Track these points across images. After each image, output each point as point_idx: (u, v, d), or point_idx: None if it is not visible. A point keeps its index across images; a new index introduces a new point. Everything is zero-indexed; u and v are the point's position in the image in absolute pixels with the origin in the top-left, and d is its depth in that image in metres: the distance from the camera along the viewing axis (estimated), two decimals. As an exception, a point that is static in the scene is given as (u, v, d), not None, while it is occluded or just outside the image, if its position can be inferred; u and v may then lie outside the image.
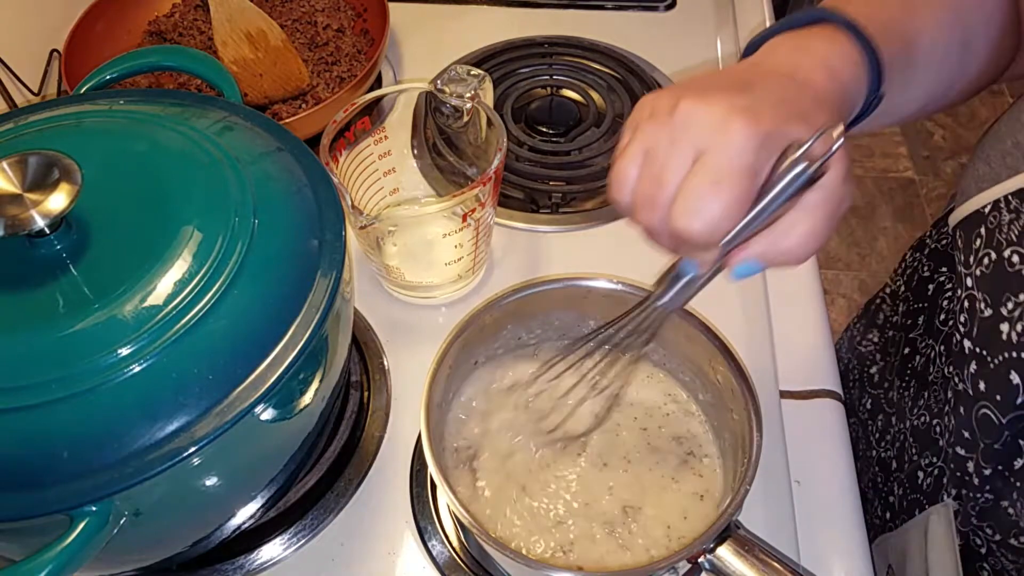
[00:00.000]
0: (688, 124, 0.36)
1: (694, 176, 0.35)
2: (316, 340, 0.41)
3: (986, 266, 0.47)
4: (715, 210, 0.35)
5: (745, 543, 0.41)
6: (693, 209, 0.35)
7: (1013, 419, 0.46)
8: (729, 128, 0.34)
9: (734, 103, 0.35)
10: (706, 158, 0.35)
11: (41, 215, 0.38)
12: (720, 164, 0.34)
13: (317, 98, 0.73)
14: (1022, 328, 0.44)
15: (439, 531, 0.52)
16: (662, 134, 0.36)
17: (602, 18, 0.87)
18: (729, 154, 0.34)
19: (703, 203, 0.35)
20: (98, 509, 0.36)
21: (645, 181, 0.37)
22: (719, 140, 0.35)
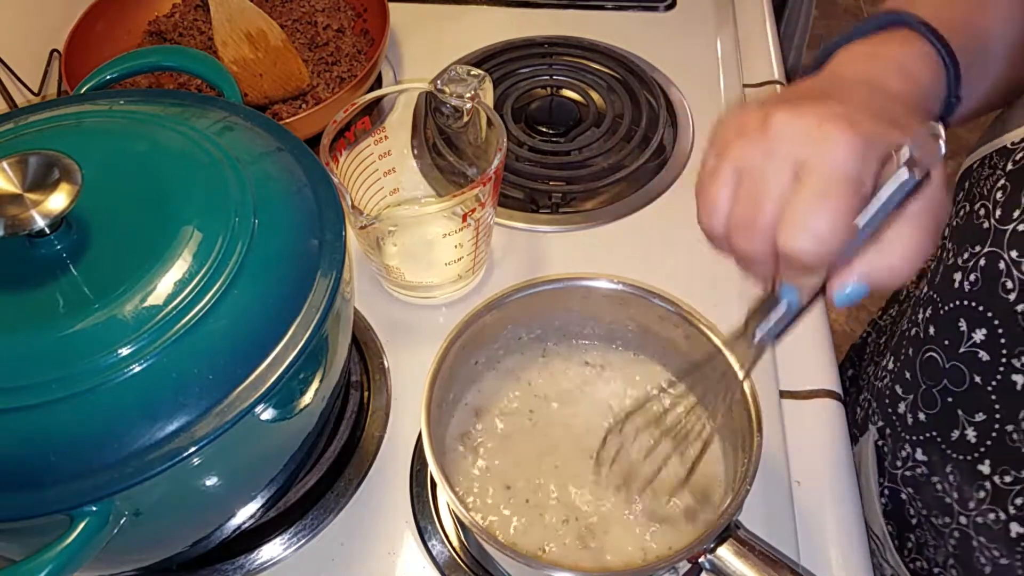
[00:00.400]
0: (783, 137, 0.34)
1: (798, 191, 0.33)
2: (316, 340, 0.41)
3: (961, 218, 0.48)
4: (825, 225, 0.32)
5: (745, 543, 0.41)
6: (802, 226, 0.32)
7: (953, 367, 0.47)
8: (828, 136, 0.32)
9: (828, 111, 0.33)
10: (808, 171, 0.33)
11: (41, 215, 0.38)
12: (824, 175, 0.32)
13: (317, 98, 0.73)
14: (974, 278, 0.45)
15: (439, 531, 0.52)
16: (755, 151, 0.34)
17: (602, 18, 0.87)
18: (832, 164, 0.32)
19: (812, 219, 0.32)
20: (98, 509, 0.36)
21: (742, 203, 0.35)
22: (819, 150, 0.32)
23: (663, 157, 0.73)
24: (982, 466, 0.48)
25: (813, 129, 0.33)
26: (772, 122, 0.34)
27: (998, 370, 0.45)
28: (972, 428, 0.47)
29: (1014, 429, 0.45)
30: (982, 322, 0.45)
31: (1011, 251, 0.43)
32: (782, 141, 0.34)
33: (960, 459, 0.49)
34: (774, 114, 0.34)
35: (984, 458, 0.47)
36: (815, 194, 0.32)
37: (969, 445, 0.48)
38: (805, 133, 0.33)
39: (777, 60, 0.82)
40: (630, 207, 0.69)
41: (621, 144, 0.73)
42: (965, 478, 0.49)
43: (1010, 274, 0.43)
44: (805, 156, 0.33)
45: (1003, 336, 0.44)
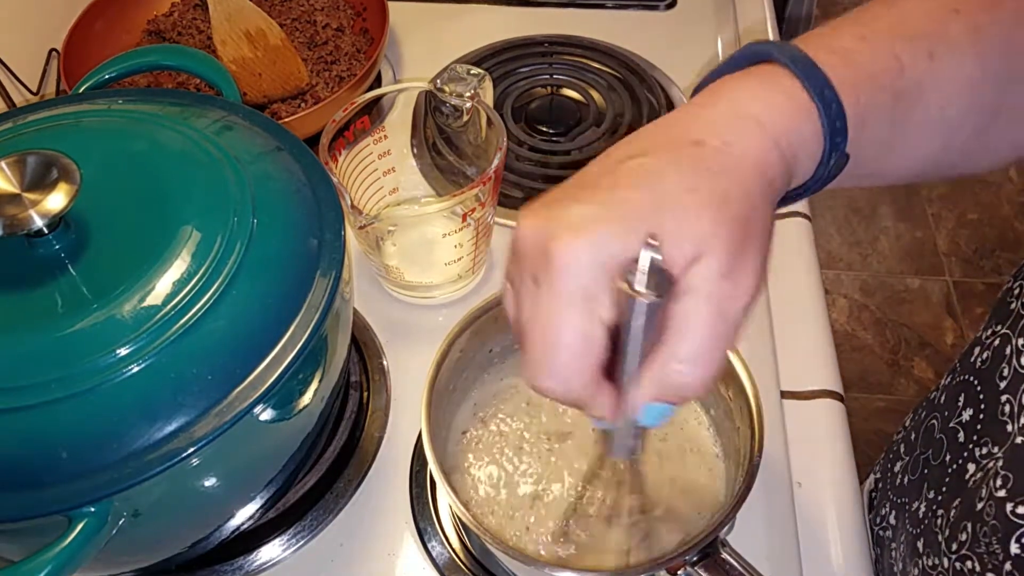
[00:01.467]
0: (523, 252, 0.30)
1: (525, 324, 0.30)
2: (315, 340, 0.41)
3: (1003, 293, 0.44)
4: (557, 366, 0.29)
5: (726, 563, 0.40)
6: (538, 367, 0.30)
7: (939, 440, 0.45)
8: (548, 254, 0.29)
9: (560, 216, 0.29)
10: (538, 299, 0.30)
11: (40, 215, 0.38)
12: (545, 306, 0.29)
13: (316, 97, 0.73)
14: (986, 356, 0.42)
15: (439, 532, 0.51)
16: (512, 267, 0.32)
17: (602, 18, 0.87)
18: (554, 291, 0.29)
19: (543, 359, 0.30)
20: (97, 509, 0.36)
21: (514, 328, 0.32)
22: (543, 273, 0.29)
23: (663, 157, 0.73)
24: (919, 543, 0.47)
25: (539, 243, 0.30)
26: (517, 231, 0.31)
27: (962, 454, 0.43)
28: (923, 504, 0.46)
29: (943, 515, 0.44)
30: (974, 402, 0.44)
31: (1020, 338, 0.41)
32: (523, 257, 0.31)
33: (910, 531, 0.48)
34: (521, 220, 0.31)
35: (920, 537, 0.47)
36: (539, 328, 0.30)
37: (916, 519, 0.47)
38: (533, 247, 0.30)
39: (777, 59, 0.82)
40: (630, 207, 0.69)
41: (621, 144, 0.73)
42: (909, 552, 0.48)
43: (1011, 361, 0.41)
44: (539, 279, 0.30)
45: (981, 421, 0.42)
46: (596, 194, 0.30)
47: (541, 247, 0.29)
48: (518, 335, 0.32)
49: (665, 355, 0.29)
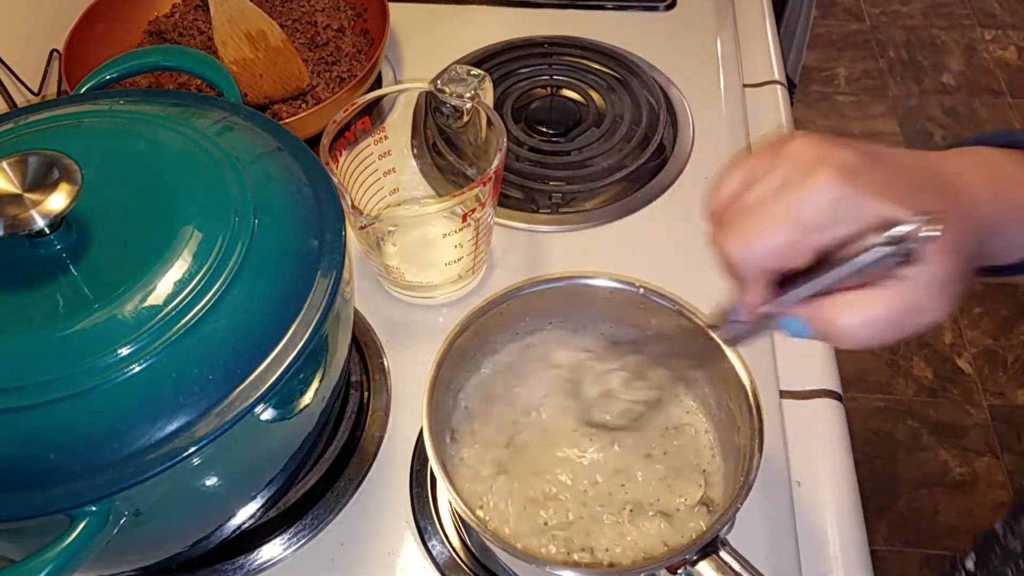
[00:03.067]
0: (786, 160, 0.35)
1: (756, 206, 0.34)
2: (316, 340, 0.41)
3: None
4: (754, 244, 0.34)
5: (727, 563, 0.40)
6: (738, 233, 0.34)
7: None
8: (813, 175, 0.33)
9: (839, 156, 0.33)
10: (779, 194, 0.34)
11: (41, 215, 0.38)
12: (782, 204, 0.33)
13: (317, 98, 0.73)
14: None
15: (439, 531, 0.51)
16: (766, 160, 0.36)
17: (602, 18, 0.87)
18: (796, 199, 0.33)
19: (747, 232, 0.34)
20: (98, 509, 0.36)
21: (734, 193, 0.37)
22: (799, 183, 0.33)
23: (663, 157, 0.73)
24: None
25: (809, 163, 0.33)
26: (790, 143, 0.35)
27: None
28: None
29: None
30: None
31: None
32: (784, 163, 0.35)
33: None
34: (798, 138, 0.35)
35: None
36: (765, 214, 0.34)
37: None
38: (802, 164, 0.34)
39: (777, 60, 0.82)
40: (630, 207, 0.69)
41: (621, 144, 0.73)
42: None
43: None
44: (789, 181, 0.34)
45: None
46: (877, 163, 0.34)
47: (811, 163, 0.33)
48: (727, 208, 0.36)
49: (850, 299, 0.33)
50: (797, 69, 1.47)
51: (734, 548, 0.41)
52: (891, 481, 1.48)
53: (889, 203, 0.32)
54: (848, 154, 0.33)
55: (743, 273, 0.35)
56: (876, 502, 1.45)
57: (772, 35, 0.84)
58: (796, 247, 0.34)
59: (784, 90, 0.79)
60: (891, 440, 1.53)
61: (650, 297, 0.50)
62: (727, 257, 0.35)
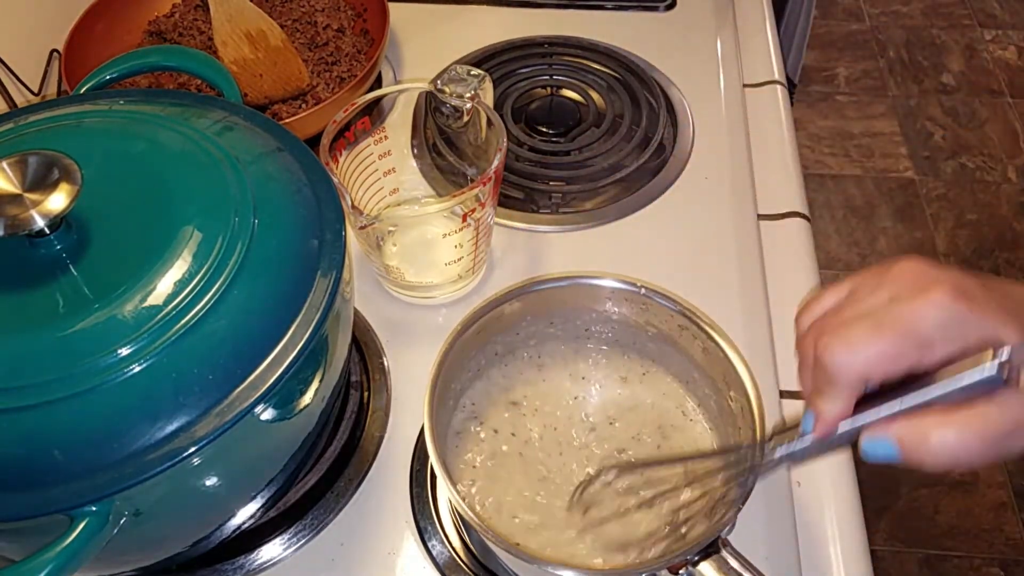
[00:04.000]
0: (896, 276, 0.35)
1: (866, 315, 0.34)
2: (316, 340, 0.41)
3: None
4: (859, 348, 0.33)
5: (728, 563, 0.40)
6: (841, 336, 0.34)
7: None
8: (927, 292, 0.33)
9: (953, 277, 0.33)
10: (890, 307, 0.34)
11: (41, 215, 0.38)
12: (894, 314, 0.33)
13: (317, 98, 0.73)
14: None
15: (439, 531, 0.51)
16: (872, 280, 0.36)
17: (602, 18, 0.87)
18: (910, 310, 0.33)
19: (854, 336, 0.34)
20: (98, 509, 0.36)
21: (831, 310, 0.37)
22: (912, 297, 0.33)
23: (663, 157, 0.73)
24: None
25: (922, 282, 0.34)
26: (899, 264, 0.35)
27: None
28: None
29: None
30: None
31: None
32: (894, 279, 0.35)
33: None
34: (907, 260, 0.35)
35: None
36: (874, 321, 0.34)
37: None
38: (914, 281, 0.34)
39: (777, 60, 0.82)
40: (630, 207, 0.69)
41: (621, 144, 0.73)
42: None
43: None
44: (901, 295, 0.34)
45: None
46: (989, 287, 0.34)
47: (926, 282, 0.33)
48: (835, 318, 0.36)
49: (943, 419, 0.33)
50: (797, 69, 1.47)
51: (735, 548, 0.41)
52: (891, 481, 1.48)
53: (999, 323, 0.32)
54: (961, 276, 0.34)
55: (838, 379, 0.35)
56: (876, 502, 1.45)
57: (772, 35, 0.84)
58: (900, 359, 0.33)
59: (784, 90, 0.79)
60: (891, 440, 1.53)
61: (651, 297, 0.50)
62: (826, 361, 0.34)
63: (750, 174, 0.71)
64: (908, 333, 0.33)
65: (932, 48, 2.25)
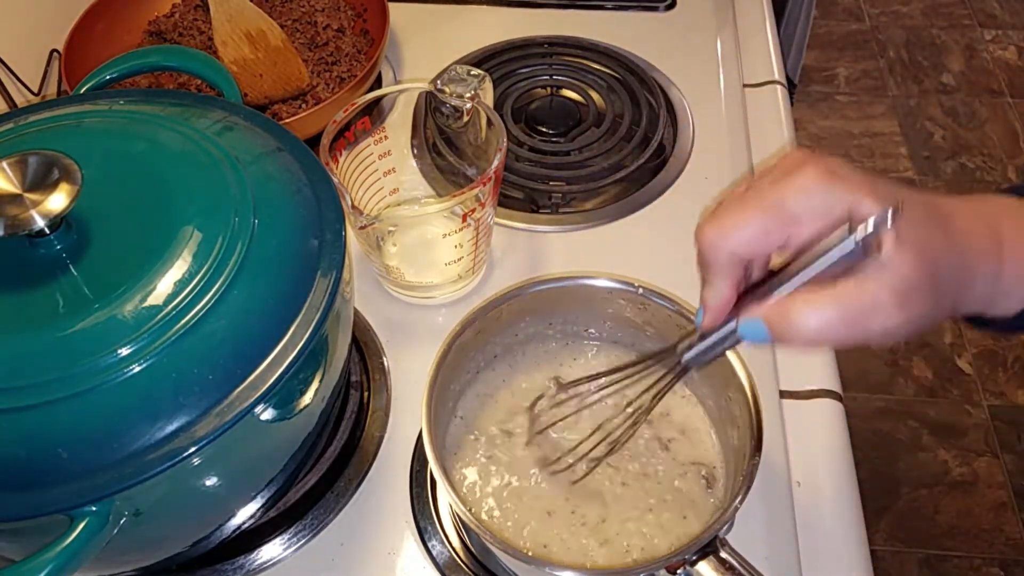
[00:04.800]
0: (779, 165, 0.36)
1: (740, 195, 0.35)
2: (316, 340, 0.41)
3: None
4: (727, 227, 0.34)
5: (726, 562, 0.40)
6: (712, 217, 0.35)
7: None
8: (799, 169, 0.34)
9: (828, 160, 0.34)
10: (763, 187, 0.35)
11: (41, 215, 0.38)
12: (761, 193, 0.34)
13: (317, 98, 0.73)
14: None
15: (439, 531, 0.52)
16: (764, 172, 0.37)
17: (602, 18, 0.87)
18: (775, 188, 0.34)
19: (722, 217, 0.35)
20: (98, 509, 0.36)
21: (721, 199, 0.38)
22: (784, 178, 0.34)
23: (663, 157, 0.73)
24: None
25: (798, 163, 0.34)
26: (787, 155, 0.36)
27: None
28: None
29: None
30: None
31: None
32: (777, 168, 0.36)
33: None
34: (796, 151, 0.36)
35: None
36: (741, 200, 0.35)
37: None
38: (791, 166, 0.35)
39: (777, 60, 0.82)
40: (630, 207, 0.69)
41: (621, 144, 0.73)
42: None
43: None
44: (776, 178, 0.35)
45: None
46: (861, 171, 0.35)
47: (798, 162, 0.34)
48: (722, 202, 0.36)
49: (807, 297, 0.33)
50: (797, 69, 1.47)
51: (734, 548, 0.41)
52: (891, 481, 1.48)
53: (862, 196, 0.33)
54: (839, 161, 0.34)
55: (712, 261, 0.36)
56: (876, 502, 1.45)
57: (772, 35, 0.84)
58: (769, 235, 0.34)
59: (784, 90, 0.79)
60: (891, 440, 1.53)
61: (649, 297, 0.50)
62: (699, 243, 0.36)
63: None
64: (772, 208, 0.34)
65: (932, 48, 2.25)
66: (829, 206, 0.33)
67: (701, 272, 0.37)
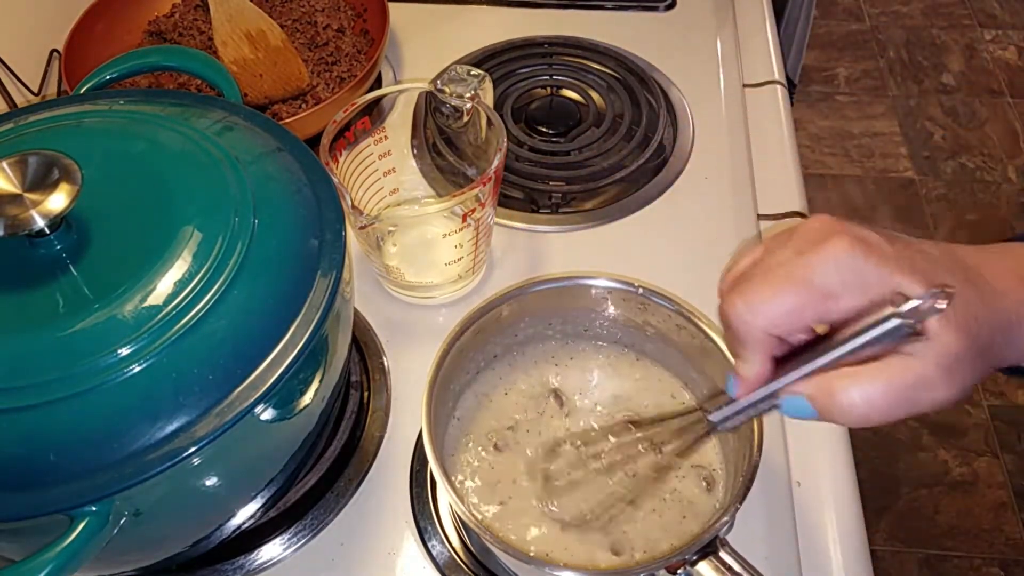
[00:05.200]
0: (803, 233, 0.35)
1: (766, 271, 0.34)
2: (316, 340, 0.41)
3: None
4: (757, 303, 0.33)
5: (726, 563, 0.40)
6: (741, 292, 0.34)
7: None
8: (827, 243, 0.33)
9: (856, 230, 0.33)
10: (791, 260, 0.34)
11: (41, 215, 0.38)
12: (790, 267, 0.33)
13: (317, 98, 0.73)
14: None
15: (439, 531, 0.52)
16: (782, 237, 0.36)
17: (602, 18, 0.87)
18: (805, 262, 0.33)
19: (752, 292, 0.34)
20: (98, 509, 0.36)
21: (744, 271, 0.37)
22: (813, 250, 0.33)
23: (663, 157, 0.73)
24: None
25: (824, 234, 0.33)
26: (808, 220, 0.35)
27: None
28: None
29: None
30: None
31: None
32: (800, 234, 0.35)
33: None
34: (814, 218, 0.35)
35: None
36: (772, 275, 0.34)
37: None
38: (817, 235, 0.34)
39: (777, 60, 0.82)
40: (630, 207, 0.69)
41: (621, 144, 0.73)
42: None
43: None
44: (803, 249, 0.34)
45: None
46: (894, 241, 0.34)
47: (827, 233, 0.33)
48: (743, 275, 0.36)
49: (853, 371, 0.33)
50: (797, 69, 1.47)
51: (734, 548, 0.41)
52: (891, 481, 1.48)
53: (903, 275, 0.32)
54: (866, 231, 0.33)
55: (744, 338, 0.34)
56: (876, 502, 1.45)
57: (772, 35, 0.84)
58: (803, 312, 0.33)
59: (784, 90, 0.79)
60: (891, 440, 1.53)
61: (649, 297, 0.50)
62: (728, 319, 0.34)
63: (750, 174, 0.71)
64: (804, 284, 0.33)
65: (932, 48, 2.25)
66: (866, 282, 0.32)
67: (730, 344, 0.36)
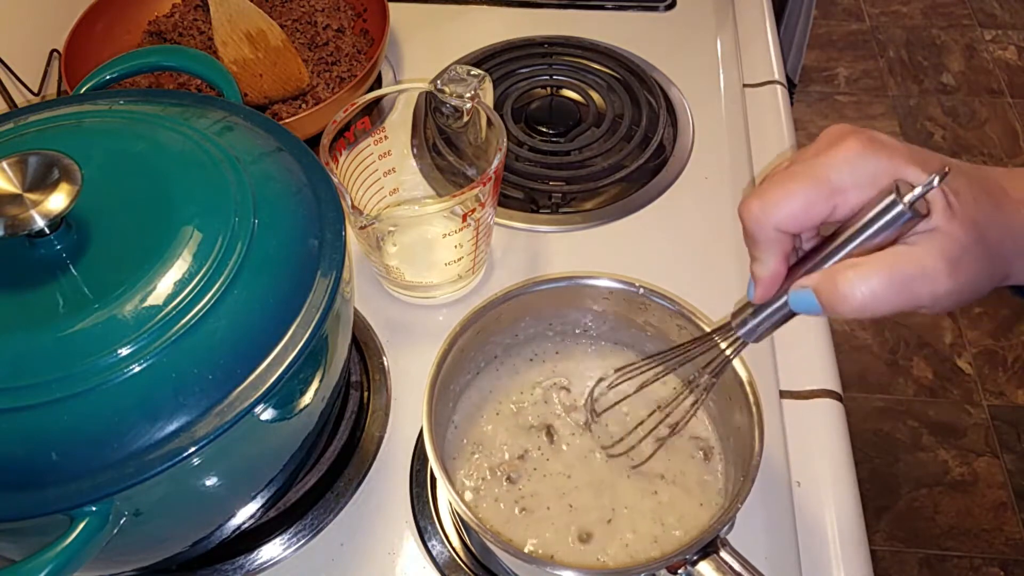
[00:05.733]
0: (821, 138, 0.36)
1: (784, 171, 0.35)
2: (316, 340, 0.41)
3: None
4: (770, 201, 0.34)
5: (727, 563, 0.40)
6: (756, 193, 0.35)
7: None
8: (842, 143, 0.34)
9: (871, 132, 0.34)
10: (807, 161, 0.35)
11: (41, 215, 0.38)
12: (808, 167, 0.34)
13: (317, 98, 0.73)
14: None
15: (439, 531, 0.52)
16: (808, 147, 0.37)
17: (602, 18, 0.87)
18: (819, 161, 0.34)
19: (766, 192, 0.35)
20: (98, 509, 0.36)
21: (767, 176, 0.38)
22: (827, 151, 0.34)
23: (663, 157, 0.73)
24: None
25: (842, 135, 0.34)
26: (828, 128, 0.36)
27: None
28: None
29: None
30: None
31: None
32: (819, 140, 0.36)
33: None
34: (837, 125, 0.36)
35: None
36: (786, 174, 0.35)
37: None
38: (835, 138, 0.35)
39: (777, 60, 0.82)
40: (630, 207, 0.69)
41: (621, 144, 0.73)
42: None
43: None
44: (820, 151, 0.35)
45: None
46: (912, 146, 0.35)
47: (840, 134, 0.34)
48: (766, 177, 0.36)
49: (856, 262, 0.33)
50: (797, 69, 1.47)
51: (734, 548, 0.41)
52: (891, 481, 1.48)
53: (909, 167, 0.33)
54: (883, 134, 0.34)
55: (757, 236, 0.35)
56: (876, 502, 1.45)
57: (772, 35, 0.84)
58: (813, 209, 0.34)
59: (784, 90, 0.79)
60: (891, 440, 1.53)
61: (650, 297, 0.50)
62: (744, 219, 0.35)
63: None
64: (816, 180, 0.34)
65: (932, 48, 2.25)
66: (874, 175, 0.33)
67: (748, 247, 0.37)
